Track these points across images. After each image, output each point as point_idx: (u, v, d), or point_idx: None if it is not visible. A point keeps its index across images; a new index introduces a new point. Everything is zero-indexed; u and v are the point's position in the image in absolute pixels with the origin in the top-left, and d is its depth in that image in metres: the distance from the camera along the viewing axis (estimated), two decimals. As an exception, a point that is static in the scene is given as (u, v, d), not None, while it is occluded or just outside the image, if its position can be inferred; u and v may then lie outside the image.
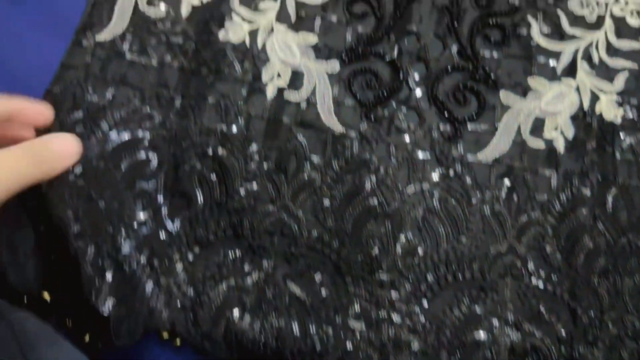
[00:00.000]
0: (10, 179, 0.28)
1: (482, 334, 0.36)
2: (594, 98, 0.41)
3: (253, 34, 0.41)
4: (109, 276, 0.34)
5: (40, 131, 0.35)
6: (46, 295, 0.36)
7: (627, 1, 0.44)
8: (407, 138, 0.40)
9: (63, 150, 0.32)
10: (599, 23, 0.44)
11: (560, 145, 0.40)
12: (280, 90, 0.40)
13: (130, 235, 0.36)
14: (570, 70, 0.42)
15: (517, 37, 0.43)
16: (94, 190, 0.35)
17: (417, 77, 0.41)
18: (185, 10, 0.42)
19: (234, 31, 0.41)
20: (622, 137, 0.41)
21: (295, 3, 0.42)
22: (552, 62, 0.42)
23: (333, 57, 0.41)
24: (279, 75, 0.41)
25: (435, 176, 0.39)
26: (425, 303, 0.37)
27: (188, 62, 0.40)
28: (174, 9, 0.42)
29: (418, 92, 0.41)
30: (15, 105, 0.32)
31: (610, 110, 0.41)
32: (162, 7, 0.42)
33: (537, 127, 0.41)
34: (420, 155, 0.40)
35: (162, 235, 0.36)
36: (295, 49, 0.41)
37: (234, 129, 0.39)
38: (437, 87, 0.41)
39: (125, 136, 0.38)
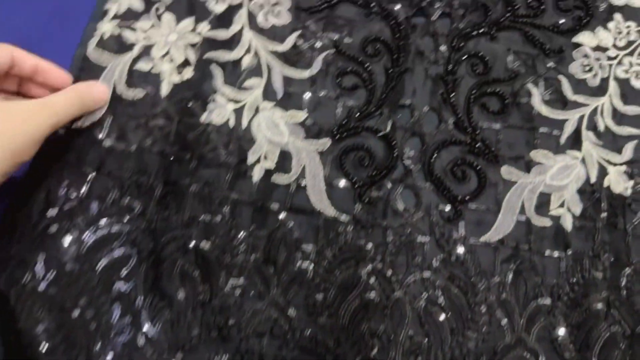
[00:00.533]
0: (63, 114, 0.35)
1: None
2: (602, 170, 0.39)
3: (238, 113, 0.39)
4: (82, 398, 0.32)
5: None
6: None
7: (632, 62, 0.42)
8: (404, 221, 0.37)
9: (100, 97, 0.38)
10: (602, 87, 0.41)
11: (567, 223, 0.38)
12: (268, 173, 0.38)
13: (107, 345, 0.33)
14: (575, 141, 0.40)
15: (517, 105, 0.40)
16: (68, 299, 0.33)
17: (412, 153, 0.39)
18: (165, 89, 0.39)
19: (218, 112, 0.39)
20: (633, 210, 0.38)
21: (282, 78, 0.40)
22: (555, 132, 0.40)
23: (323, 135, 0.39)
24: (265, 156, 0.38)
25: (436, 262, 0.37)
26: (429, 408, 0.34)
27: (169, 146, 0.38)
28: (153, 89, 0.39)
29: (414, 170, 0.39)
30: (42, 64, 0.37)
31: (619, 182, 0.39)
32: (142, 88, 0.39)
33: (543, 203, 0.38)
34: (419, 239, 0.37)
35: (141, 341, 0.33)
36: (283, 127, 0.39)
37: (219, 218, 0.36)
38: (433, 163, 0.39)
39: (103, 232, 0.35)
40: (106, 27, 0.41)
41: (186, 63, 0.40)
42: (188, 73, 0.40)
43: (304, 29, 0.42)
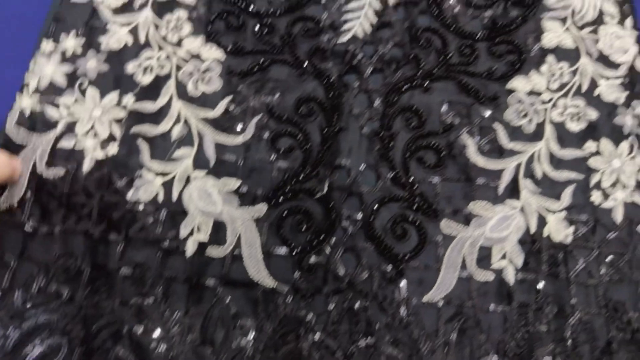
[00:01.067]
0: None
1: None
2: (541, 220, 0.39)
3: (167, 186, 0.38)
4: None
5: None
6: None
7: (566, 104, 0.42)
8: (345, 286, 0.37)
9: (16, 172, 0.37)
10: (538, 133, 0.41)
11: (510, 276, 0.37)
12: (201, 246, 0.37)
13: None
14: (513, 190, 0.39)
15: (453, 158, 0.40)
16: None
17: (350, 213, 0.38)
18: (87, 166, 0.38)
19: (145, 188, 0.38)
20: (575, 257, 0.38)
21: (214, 145, 0.39)
22: (492, 183, 0.40)
23: (259, 200, 0.38)
24: (198, 228, 0.37)
25: (379, 327, 0.36)
26: None
27: (93, 225, 0.37)
28: (74, 166, 0.38)
29: (353, 231, 0.38)
30: None
31: (559, 231, 0.39)
32: (62, 165, 0.38)
33: (484, 257, 0.38)
34: (362, 303, 0.36)
35: None
36: (216, 196, 0.38)
37: (151, 300, 0.35)
38: (373, 222, 0.38)
39: (29, 324, 0.34)
40: (26, 103, 0.39)
41: (111, 138, 0.39)
42: (113, 149, 0.38)
43: (235, 93, 0.41)
